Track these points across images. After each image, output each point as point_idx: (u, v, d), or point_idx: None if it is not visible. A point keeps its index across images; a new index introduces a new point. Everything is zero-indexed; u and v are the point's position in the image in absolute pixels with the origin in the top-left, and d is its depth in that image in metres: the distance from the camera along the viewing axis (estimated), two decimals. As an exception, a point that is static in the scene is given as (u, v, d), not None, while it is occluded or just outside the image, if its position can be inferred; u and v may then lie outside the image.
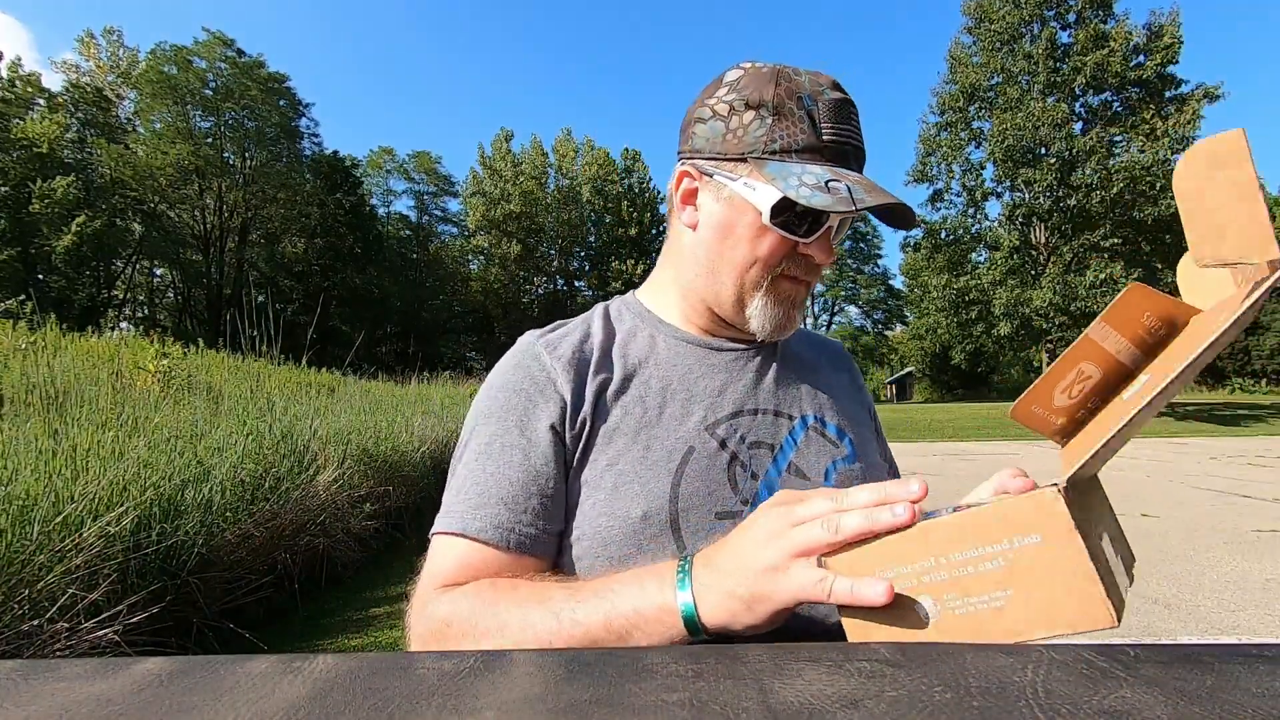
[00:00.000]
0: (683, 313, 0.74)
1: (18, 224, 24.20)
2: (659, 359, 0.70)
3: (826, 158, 0.63)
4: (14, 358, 4.79)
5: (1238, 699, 0.23)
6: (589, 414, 0.65)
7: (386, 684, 0.27)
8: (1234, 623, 2.97)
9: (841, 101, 0.64)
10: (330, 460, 3.72)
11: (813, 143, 0.63)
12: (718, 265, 0.68)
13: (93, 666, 0.29)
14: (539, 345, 0.69)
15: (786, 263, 0.66)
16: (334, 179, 33.69)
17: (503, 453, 0.63)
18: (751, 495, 0.64)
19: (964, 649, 0.29)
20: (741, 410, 0.68)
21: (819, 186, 0.60)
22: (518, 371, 0.68)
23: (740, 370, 0.72)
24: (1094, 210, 20.43)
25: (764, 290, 0.67)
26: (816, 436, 0.70)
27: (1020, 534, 0.38)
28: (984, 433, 15.30)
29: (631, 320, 0.75)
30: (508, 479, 0.62)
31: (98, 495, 2.21)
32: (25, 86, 27.67)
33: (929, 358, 42.74)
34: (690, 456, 0.63)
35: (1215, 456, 9.66)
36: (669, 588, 0.49)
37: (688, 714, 0.24)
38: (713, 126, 0.66)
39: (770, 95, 0.63)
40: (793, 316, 0.70)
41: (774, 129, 0.63)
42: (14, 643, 1.79)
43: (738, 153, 0.64)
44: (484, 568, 0.59)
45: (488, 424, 0.66)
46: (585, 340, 0.71)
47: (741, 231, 0.66)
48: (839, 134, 0.63)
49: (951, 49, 24.77)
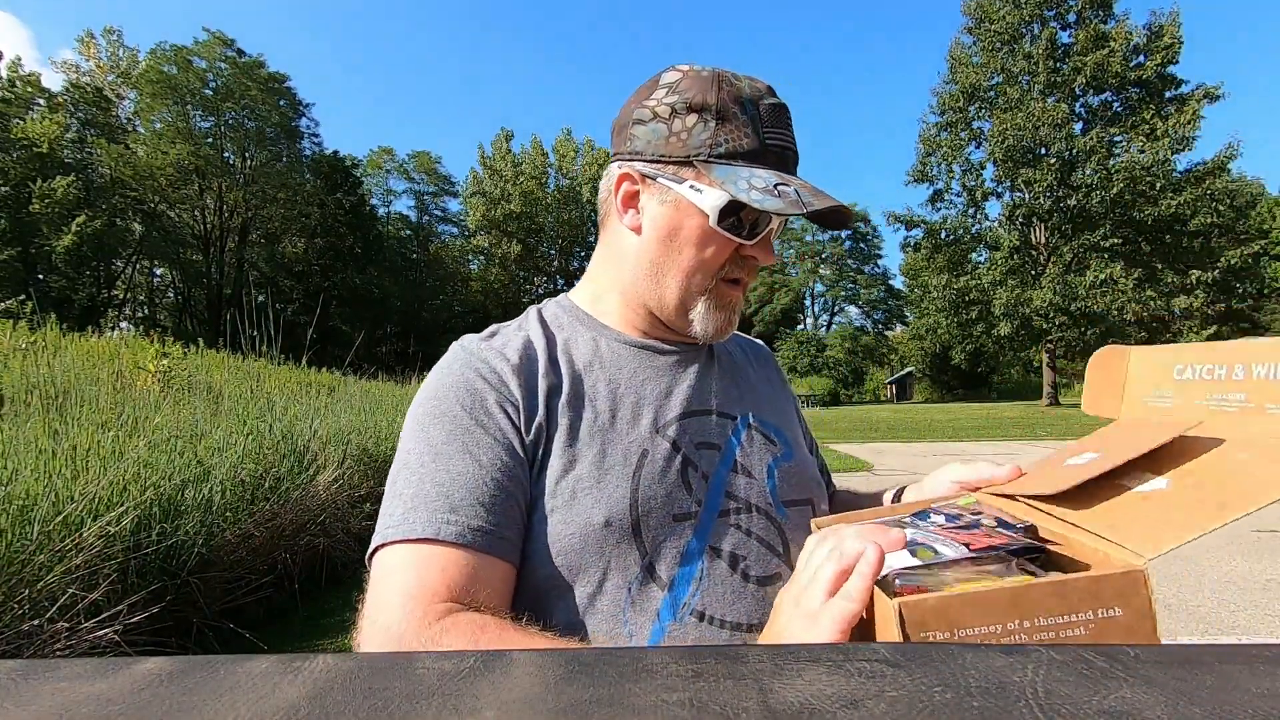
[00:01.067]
0: (623, 316, 0.73)
1: (18, 224, 24.20)
2: (604, 363, 0.69)
3: (769, 162, 0.64)
4: (14, 358, 4.79)
5: (1238, 699, 0.23)
6: (543, 419, 0.63)
7: (386, 684, 0.27)
8: (1234, 623, 2.97)
9: (779, 106, 0.66)
10: (330, 460, 3.72)
11: (756, 147, 0.64)
12: (662, 269, 0.68)
13: (93, 666, 0.29)
14: (484, 349, 0.67)
15: (729, 265, 0.67)
16: (334, 179, 33.72)
17: (465, 452, 0.59)
18: (703, 496, 0.64)
19: (964, 649, 0.29)
20: (688, 412, 0.68)
21: (768, 190, 0.61)
22: (466, 372, 0.65)
23: (683, 372, 0.72)
24: (1094, 210, 20.44)
25: (708, 294, 0.68)
26: (757, 435, 0.72)
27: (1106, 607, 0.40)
28: (984, 433, 15.29)
29: (570, 324, 0.73)
30: (478, 478, 0.58)
31: (98, 495, 2.21)
32: (25, 86, 27.68)
33: (929, 358, 42.76)
34: (645, 460, 0.63)
35: (1215, 456, 9.64)
36: None
37: (688, 714, 0.24)
38: (654, 128, 0.66)
39: (713, 99, 0.64)
40: (732, 320, 0.71)
41: (718, 133, 0.63)
42: (14, 643, 1.79)
43: (682, 155, 0.64)
44: (471, 577, 0.54)
45: (439, 424, 0.61)
46: (528, 345, 0.68)
47: (687, 235, 0.66)
48: (779, 139, 0.65)
49: (952, 49, 24.78)
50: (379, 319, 34.54)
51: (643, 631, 0.58)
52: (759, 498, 0.67)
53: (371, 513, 3.89)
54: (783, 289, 49.75)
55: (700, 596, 0.60)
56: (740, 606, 0.61)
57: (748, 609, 0.61)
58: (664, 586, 0.59)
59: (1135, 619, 0.39)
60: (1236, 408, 0.50)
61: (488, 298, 37.91)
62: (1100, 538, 0.47)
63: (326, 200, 33.05)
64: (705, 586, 0.60)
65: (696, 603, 0.59)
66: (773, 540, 0.66)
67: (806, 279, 50.97)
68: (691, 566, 0.61)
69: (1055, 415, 19.11)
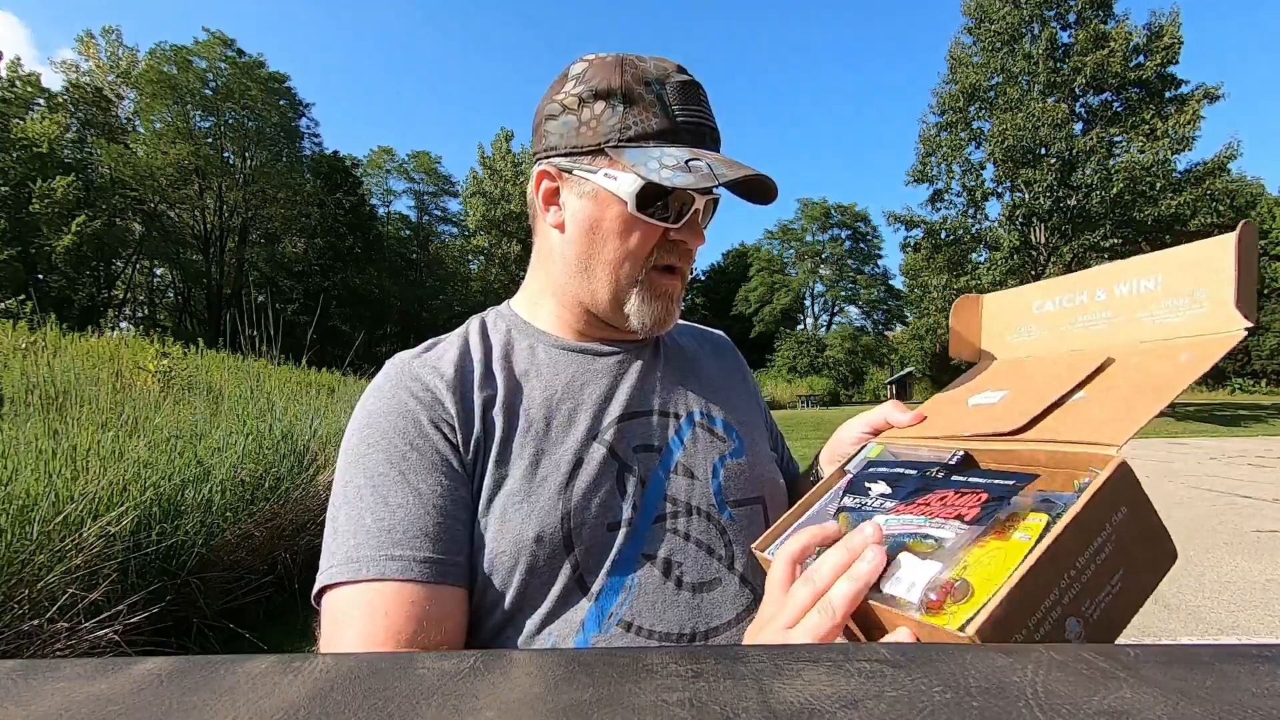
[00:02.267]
0: (560, 319, 0.71)
1: (18, 224, 24.20)
2: (540, 370, 0.67)
3: (684, 140, 0.62)
4: (14, 358, 4.79)
5: (1238, 699, 0.23)
6: (480, 434, 0.60)
7: (386, 684, 0.27)
8: (1234, 623, 2.97)
9: (689, 83, 0.64)
10: (330, 460, 3.72)
11: (666, 126, 0.61)
12: (590, 264, 0.65)
13: (93, 666, 0.29)
14: (416, 365, 0.64)
15: (659, 252, 0.65)
16: (334, 179, 33.71)
17: (402, 480, 0.56)
18: (639, 501, 0.62)
19: (964, 649, 0.29)
20: (627, 413, 0.66)
21: (679, 167, 0.59)
22: (399, 393, 0.61)
23: (624, 373, 0.69)
24: (1094, 210, 20.42)
25: (640, 285, 0.65)
26: (703, 433, 0.69)
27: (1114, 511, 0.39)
28: (984, 433, 15.27)
29: (508, 332, 0.71)
30: (419, 508, 0.55)
31: (98, 495, 2.21)
32: (25, 86, 27.67)
33: (929, 358, 42.71)
34: (579, 470, 0.60)
35: (1215, 457, 9.65)
36: None
37: (688, 714, 0.24)
38: (564, 121, 0.64)
39: (618, 83, 0.62)
40: (671, 310, 0.68)
41: (626, 116, 0.62)
42: (14, 643, 1.79)
43: (593, 144, 0.63)
44: (420, 614, 0.53)
45: (374, 452, 0.58)
46: (464, 356, 0.66)
47: (609, 225, 0.63)
48: (691, 114, 0.62)
49: (951, 49, 24.76)
50: (379, 319, 34.55)
51: (567, 640, 0.56)
52: (700, 499, 0.65)
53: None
54: (782, 289, 49.73)
55: (628, 606, 0.58)
56: (671, 615, 0.59)
57: (679, 617, 0.59)
58: (591, 598, 0.57)
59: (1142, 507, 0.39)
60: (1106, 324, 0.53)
61: (488, 298, 37.87)
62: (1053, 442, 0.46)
63: (326, 200, 33.04)
64: (634, 595, 0.58)
65: (624, 612, 0.58)
66: (713, 543, 0.63)
67: (806, 279, 50.93)
68: (623, 576, 0.59)
69: (1055, 415, 19.06)
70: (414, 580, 0.53)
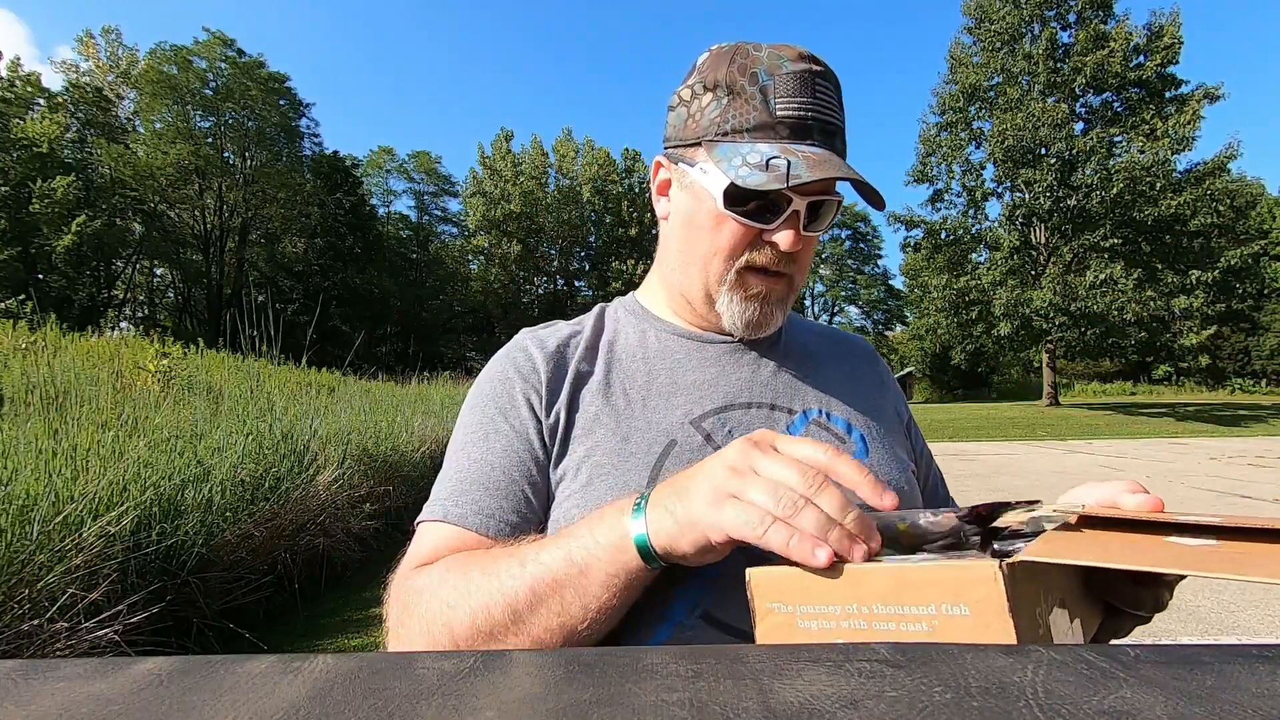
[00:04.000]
0: (671, 307, 0.72)
1: (18, 224, 24.19)
2: (647, 353, 0.68)
3: (781, 135, 0.58)
4: (14, 358, 4.79)
5: (1238, 699, 0.23)
6: (563, 407, 0.63)
7: (386, 684, 0.27)
8: (1234, 623, 2.97)
9: (803, 73, 0.59)
10: (330, 460, 3.72)
11: (765, 119, 0.58)
12: (687, 257, 0.66)
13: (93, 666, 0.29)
14: (527, 337, 0.70)
15: (752, 252, 0.62)
16: (334, 179, 33.69)
17: (485, 440, 0.62)
18: None
19: (964, 649, 0.29)
20: (731, 404, 0.65)
21: (759, 165, 0.56)
22: (505, 362, 0.68)
23: (734, 363, 0.68)
24: (1094, 210, 20.41)
25: (729, 285, 0.64)
26: (819, 431, 0.66)
27: (949, 602, 0.36)
28: (984, 433, 15.29)
29: (625, 317, 0.74)
30: (489, 464, 0.61)
31: (98, 495, 2.21)
32: (25, 86, 27.66)
33: (929, 358, 42.72)
34: (671, 450, 0.60)
35: (1215, 457, 9.65)
36: (626, 515, 0.47)
37: (688, 714, 0.24)
38: (679, 113, 0.64)
39: (724, 75, 0.61)
40: (769, 313, 0.65)
41: (727, 110, 0.60)
42: (14, 642, 1.79)
43: (695, 137, 0.62)
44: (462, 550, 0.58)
45: (473, 414, 0.66)
46: (574, 335, 0.70)
47: (702, 220, 0.63)
48: (798, 107, 0.59)
49: (952, 49, 24.75)
50: (379, 319, 34.52)
51: (649, 627, 0.55)
52: None
53: (371, 513, 3.90)
54: (783, 289, 49.77)
55: (714, 598, 0.56)
56: None
57: None
58: (679, 585, 0.56)
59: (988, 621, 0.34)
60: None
61: (488, 298, 37.86)
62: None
63: (326, 200, 33.02)
64: (721, 589, 0.56)
65: (710, 604, 0.56)
66: None
67: (806, 279, 51.04)
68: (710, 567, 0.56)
69: (1055, 415, 19.10)
70: (463, 526, 0.58)
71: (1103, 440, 13.37)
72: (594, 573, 0.47)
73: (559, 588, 0.48)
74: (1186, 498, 6.04)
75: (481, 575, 0.50)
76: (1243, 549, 0.34)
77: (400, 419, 5.44)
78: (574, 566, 0.47)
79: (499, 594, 0.49)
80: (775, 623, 0.41)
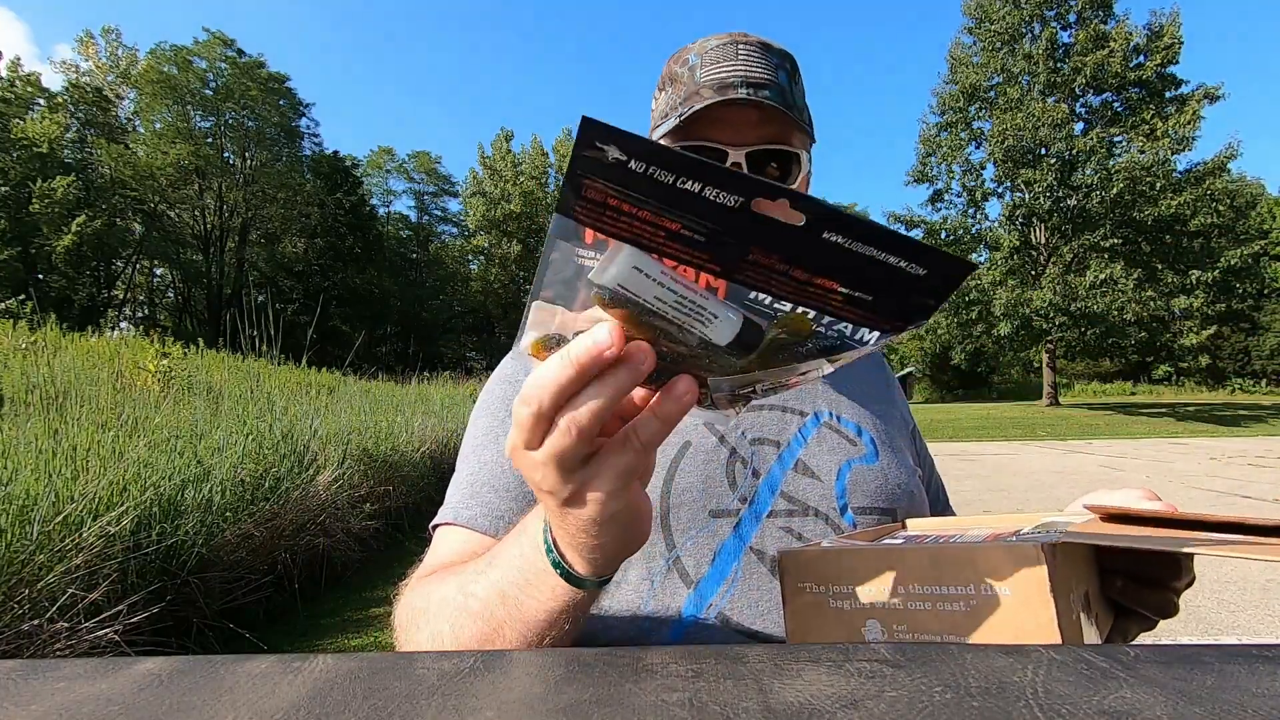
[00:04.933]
0: None
1: (18, 224, 24.20)
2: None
3: (705, 98, 0.61)
4: (14, 358, 4.79)
5: (1238, 699, 0.23)
6: None
7: (386, 684, 0.27)
8: (1234, 623, 2.97)
9: (725, 44, 0.63)
10: (330, 460, 3.72)
11: (691, 90, 0.62)
12: None
13: (93, 666, 0.29)
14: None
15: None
16: (334, 179, 33.71)
17: (495, 443, 0.63)
18: (751, 493, 0.60)
19: (964, 649, 0.29)
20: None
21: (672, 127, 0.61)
22: (513, 363, 0.69)
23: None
24: (1094, 210, 20.41)
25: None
26: (830, 433, 0.66)
27: (992, 582, 0.35)
28: (984, 433, 15.29)
29: None
30: (501, 467, 0.61)
31: (98, 495, 2.21)
32: (25, 86, 27.67)
33: (929, 358, 42.73)
34: (686, 451, 0.61)
35: (1215, 457, 9.65)
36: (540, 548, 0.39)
37: (688, 714, 0.24)
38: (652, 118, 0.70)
39: (666, 70, 0.65)
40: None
41: (670, 98, 0.64)
42: (14, 643, 1.79)
43: (653, 137, 0.65)
44: (471, 553, 0.56)
45: (483, 417, 0.67)
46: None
47: None
48: (718, 70, 0.62)
49: (952, 49, 24.76)
50: (379, 319, 34.53)
51: (663, 627, 0.55)
52: (820, 501, 0.61)
53: (371, 513, 3.90)
54: (783, 289, 49.76)
55: (729, 599, 0.56)
56: (772, 616, 0.56)
57: (779, 620, 0.56)
58: (690, 584, 0.56)
59: (1031, 602, 0.34)
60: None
61: (488, 298, 37.86)
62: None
63: (326, 200, 33.04)
64: (736, 589, 0.56)
65: (725, 604, 0.56)
66: None
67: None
68: (724, 567, 0.57)
69: (1055, 415, 19.09)
70: (472, 529, 0.59)
71: (1103, 440, 13.36)
72: (531, 610, 0.41)
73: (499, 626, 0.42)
74: (1187, 498, 6.03)
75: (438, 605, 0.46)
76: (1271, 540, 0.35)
77: (400, 419, 5.44)
78: (508, 606, 0.41)
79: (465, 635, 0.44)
80: (805, 602, 0.41)
